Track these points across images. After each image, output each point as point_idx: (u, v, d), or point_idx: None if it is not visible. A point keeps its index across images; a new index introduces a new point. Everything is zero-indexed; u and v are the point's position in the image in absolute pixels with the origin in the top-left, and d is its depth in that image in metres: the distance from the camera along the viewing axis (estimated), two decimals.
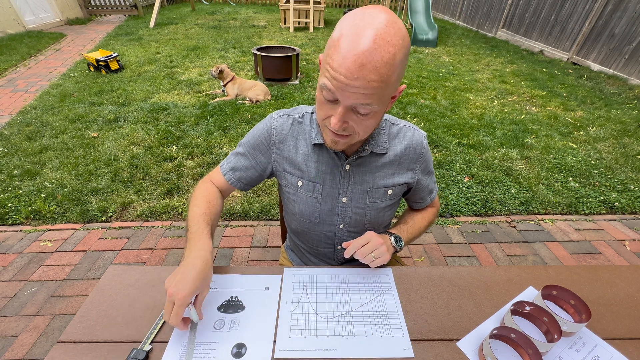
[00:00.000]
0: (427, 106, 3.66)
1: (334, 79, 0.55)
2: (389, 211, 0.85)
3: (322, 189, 0.79)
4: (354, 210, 0.81)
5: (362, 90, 0.55)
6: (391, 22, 0.53)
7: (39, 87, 3.85)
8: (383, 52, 0.52)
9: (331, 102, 0.60)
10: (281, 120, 0.80)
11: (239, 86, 3.67)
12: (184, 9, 8.80)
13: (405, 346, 0.64)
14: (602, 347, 0.64)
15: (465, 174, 2.53)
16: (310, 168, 0.78)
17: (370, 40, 0.51)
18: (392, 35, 0.53)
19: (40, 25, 6.45)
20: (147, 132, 2.95)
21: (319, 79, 0.60)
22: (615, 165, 2.66)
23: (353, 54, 0.52)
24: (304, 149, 0.78)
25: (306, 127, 0.79)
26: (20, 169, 2.42)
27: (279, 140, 0.79)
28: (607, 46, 4.70)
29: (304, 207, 0.82)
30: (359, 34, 0.52)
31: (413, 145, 0.80)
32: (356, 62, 0.52)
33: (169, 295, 0.59)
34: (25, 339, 1.38)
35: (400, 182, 0.81)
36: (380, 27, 0.52)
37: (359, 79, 0.53)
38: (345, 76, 0.53)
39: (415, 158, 0.81)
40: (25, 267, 1.71)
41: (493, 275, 0.79)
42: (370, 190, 0.80)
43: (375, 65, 0.52)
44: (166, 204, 2.16)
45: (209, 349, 0.62)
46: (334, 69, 0.55)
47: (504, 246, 1.92)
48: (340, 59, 0.53)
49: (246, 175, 0.84)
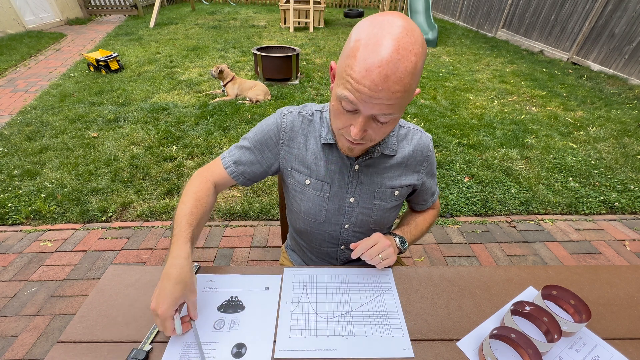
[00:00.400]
0: (427, 106, 3.66)
1: (356, 91, 0.54)
2: (394, 212, 0.86)
3: (330, 188, 0.79)
4: (360, 210, 0.81)
5: (385, 101, 0.54)
6: (410, 30, 0.52)
7: (39, 87, 3.85)
8: (406, 62, 0.51)
9: (350, 112, 0.59)
10: (291, 117, 0.79)
11: (239, 86, 3.67)
12: (184, 9, 8.80)
13: (405, 346, 0.64)
14: (602, 347, 0.64)
15: (465, 174, 2.53)
16: (320, 167, 0.78)
17: (393, 51, 0.50)
18: (413, 44, 0.52)
19: (40, 25, 6.45)
20: (147, 132, 2.96)
21: (336, 89, 0.59)
22: (615, 165, 2.66)
23: (377, 66, 0.51)
24: (314, 148, 0.78)
25: (316, 126, 0.78)
26: (20, 169, 2.42)
27: (288, 137, 0.78)
28: (607, 46, 4.69)
29: (310, 206, 0.81)
30: (380, 44, 0.51)
31: (420, 148, 0.80)
32: (381, 73, 0.51)
33: (152, 311, 0.60)
34: (25, 339, 1.38)
35: (407, 183, 0.82)
36: (401, 36, 0.51)
37: (383, 90, 0.52)
38: (370, 88, 0.52)
39: (422, 161, 0.82)
40: (25, 267, 1.71)
41: (493, 275, 0.79)
42: (377, 190, 0.80)
43: (400, 76, 0.51)
44: (166, 204, 2.16)
45: (209, 349, 0.62)
46: (356, 80, 0.53)
47: (504, 246, 1.92)
48: (362, 71, 0.52)
49: (250, 170, 0.81)
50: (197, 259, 1.79)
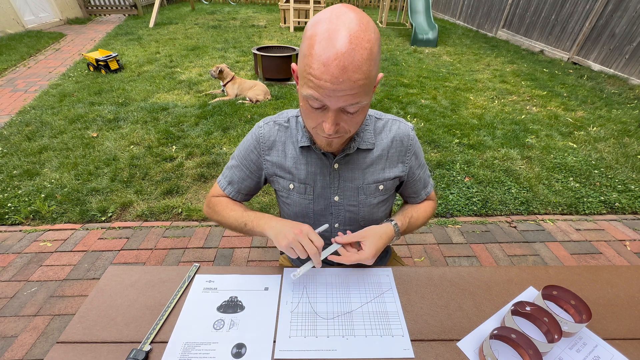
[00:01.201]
0: (428, 106, 3.65)
1: (319, 87, 0.55)
2: (382, 206, 0.85)
3: (314, 190, 0.80)
4: (347, 208, 0.82)
5: (349, 91, 0.55)
6: (360, 19, 0.53)
7: (39, 87, 3.85)
8: (361, 50, 0.52)
9: (319, 109, 0.60)
10: (267, 128, 0.81)
11: (238, 86, 3.66)
12: (184, 9, 8.80)
13: (406, 346, 0.64)
14: (603, 348, 0.63)
15: (466, 174, 2.53)
16: (300, 170, 0.79)
17: (347, 41, 0.51)
18: (365, 31, 0.53)
19: (40, 25, 6.45)
20: (147, 132, 2.95)
21: (301, 90, 0.60)
22: (616, 165, 2.65)
23: (333, 59, 0.52)
24: (293, 153, 0.79)
25: (292, 131, 0.80)
26: (19, 169, 2.42)
27: (267, 147, 0.81)
28: (608, 46, 4.69)
29: (298, 209, 0.83)
30: (334, 37, 0.52)
31: (400, 138, 0.80)
32: (338, 65, 0.52)
33: (298, 233, 0.68)
34: (25, 339, 1.38)
35: (391, 176, 0.81)
36: (352, 26, 0.52)
37: (344, 81, 0.53)
38: (331, 82, 0.53)
39: (404, 151, 0.81)
40: (24, 267, 1.71)
41: (493, 275, 0.79)
42: (361, 187, 0.80)
43: (357, 64, 0.53)
44: (166, 204, 2.16)
45: (209, 349, 0.62)
46: (316, 77, 0.54)
47: (504, 246, 1.92)
48: (321, 67, 0.53)
49: (244, 186, 0.86)
50: (197, 259, 1.78)
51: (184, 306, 0.70)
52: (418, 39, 6.21)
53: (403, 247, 1.91)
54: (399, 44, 6.33)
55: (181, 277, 0.76)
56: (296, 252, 0.68)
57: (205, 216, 2.09)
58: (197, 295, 0.73)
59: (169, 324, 0.66)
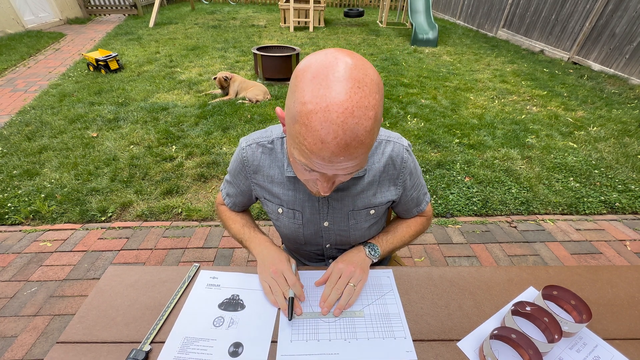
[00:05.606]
0: (428, 106, 3.65)
1: (314, 162, 0.49)
2: (374, 228, 0.83)
3: (303, 216, 0.78)
4: (337, 232, 0.80)
5: (349, 163, 0.50)
6: (360, 78, 0.45)
7: (39, 87, 3.84)
8: (364, 121, 0.45)
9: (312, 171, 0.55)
10: (250, 151, 0.75)
11: (238, 86, 3.67)
12: (184, 9, 8.79)
13: (408, 349, 0.63)
14: (603, 348, 0.63)
15: (466, 173, 2.53)
16: (289, 196, 0.76)
17: (348, 115, 0.44)
18: (368, 95, 0.45)
19: (40, 24, 6.45)
20: (147, 132, 2.95)
21: (291, 149, 0.52)
22: (616, 165, 2.65)
23: (333, 137, 0.45)
24: (279, 178, 0.75)
25: (277, 155, 0.74)
26: (19, 169, 2.41)
27: (253, 171, 0.77)
28: (608, 46, 4.69)
29: (288, 232, 0.82)
30: (331, 110, 0.44)
31: (392, 161, 0.74)
32: (339, 144, 0.45)
33: (274, 273, 0.71)
34: (25, 339, 1.38)
35: (384, 201, 0.77)
36: (352, 93, 0.44)
37: (345, 158, 0.48)
38: (329, 159, 0.48)
39: (397, 174, 0.76)
40: (24, 267, 1.71)
41: (493, 275, 0.79)
42: (351, 212, 0.76)
43: (360, 139, 0.46)
44: (166, 204, 2.16)
45: (207, 346, 0.62)
46: (312, 152, 0.48)
47: (504, 246, 1.92)
48: (318, 143, 0.46)
49: (239, 200, 0.87)
50: (197, 259, 1.78)
51: (187, 301, 0.71)
52: (418, 39, 6.21)
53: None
54: (399, 43, 6.32)
55: (181, 277, 0.76)
56: (271, 289, 0.71)
57: (205, 216, 2.10)
58: (200, 290, 0.73)
59: (169, 324, 0.66)
